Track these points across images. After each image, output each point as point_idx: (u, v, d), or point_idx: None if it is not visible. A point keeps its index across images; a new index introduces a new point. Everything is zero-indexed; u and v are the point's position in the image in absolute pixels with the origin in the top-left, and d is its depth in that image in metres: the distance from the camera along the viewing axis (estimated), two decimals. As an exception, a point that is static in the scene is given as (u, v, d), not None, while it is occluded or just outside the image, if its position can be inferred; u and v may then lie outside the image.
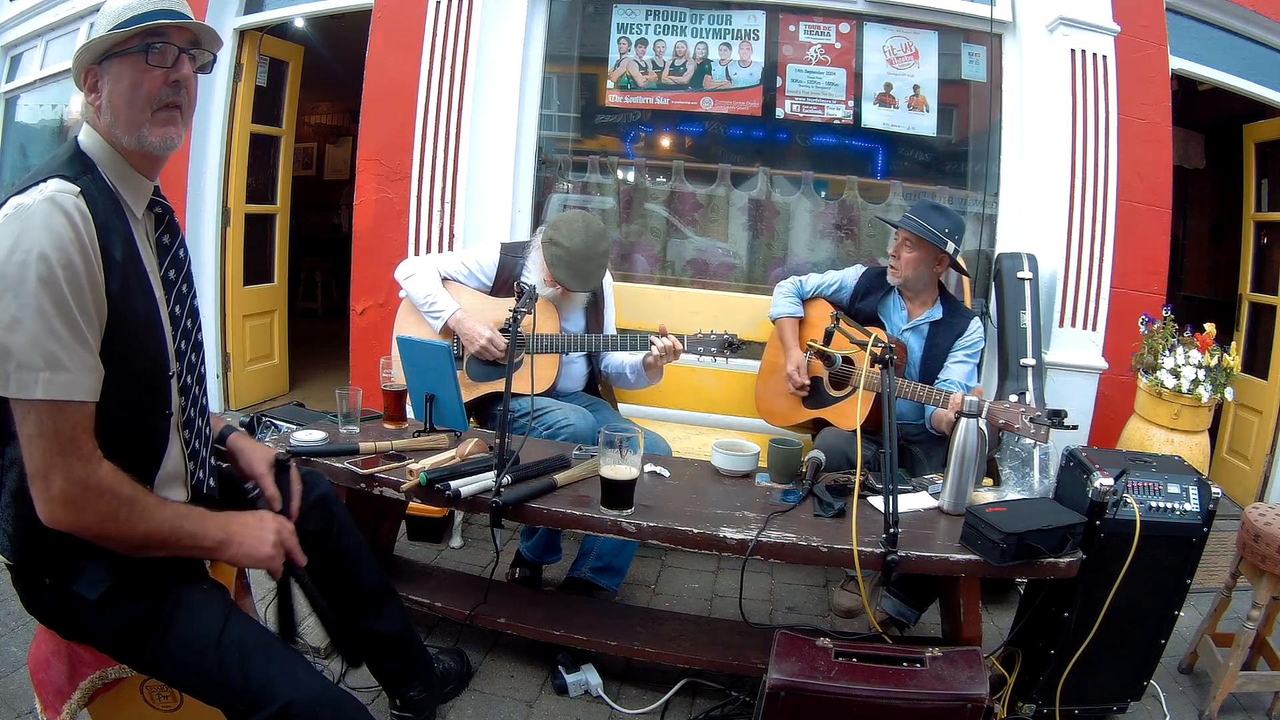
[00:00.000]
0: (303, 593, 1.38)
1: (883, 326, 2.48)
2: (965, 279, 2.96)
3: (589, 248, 2.36)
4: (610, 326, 2.64)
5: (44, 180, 1.09)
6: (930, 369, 2.41)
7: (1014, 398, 2.11)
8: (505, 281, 2.48)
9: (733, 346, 2.28)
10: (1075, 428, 2.02)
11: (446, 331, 2.44)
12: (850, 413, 2.41)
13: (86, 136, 1.19)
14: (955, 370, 2.37)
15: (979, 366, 2.56)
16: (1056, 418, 1.95)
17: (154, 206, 1.25)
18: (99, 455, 1.10)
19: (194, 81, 1.23)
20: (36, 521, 1.09)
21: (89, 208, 1.09)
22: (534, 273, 2.44)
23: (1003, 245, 3.21)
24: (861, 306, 2.54)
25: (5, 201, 1.08)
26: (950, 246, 2.33)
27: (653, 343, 2.29)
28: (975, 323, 2.44)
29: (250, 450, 1.45)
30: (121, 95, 1.16)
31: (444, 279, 2.50)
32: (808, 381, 2.54)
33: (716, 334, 2.29)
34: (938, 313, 2.45)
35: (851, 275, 2.62)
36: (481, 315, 2.43)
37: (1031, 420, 1.97)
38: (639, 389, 2.59)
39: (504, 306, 2.37)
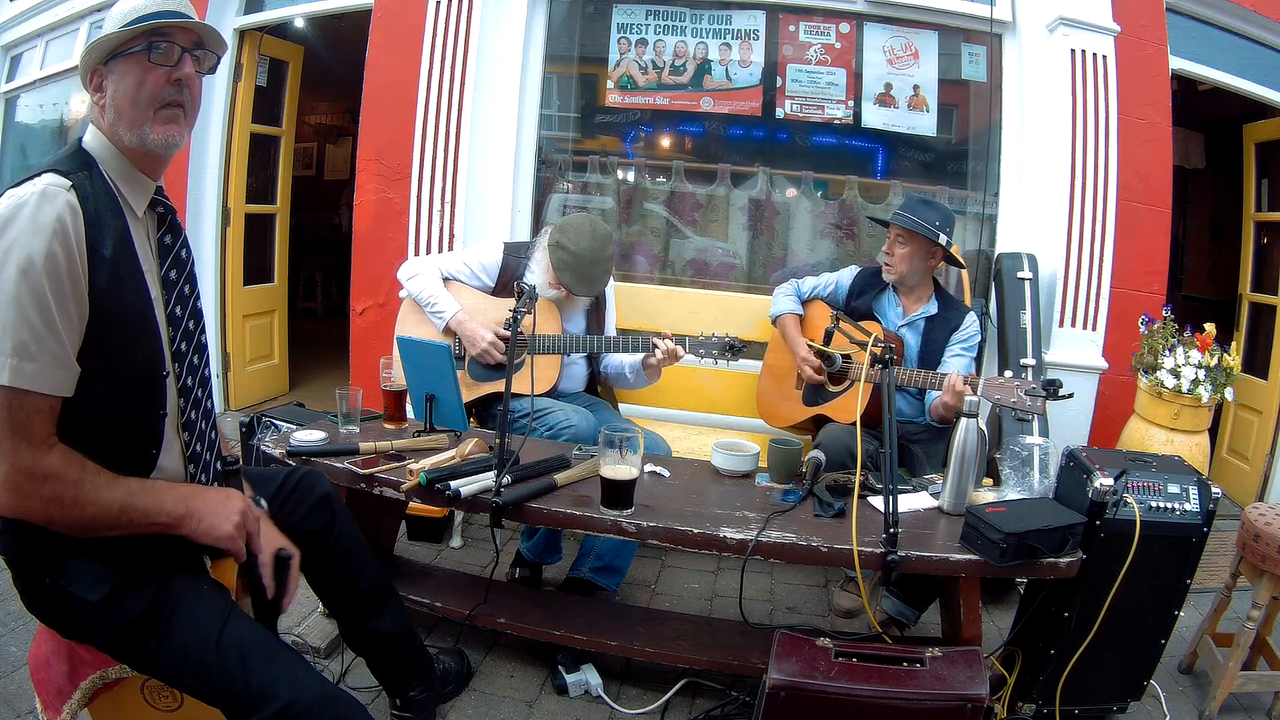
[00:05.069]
0: (249, 583, 1.30)
1: (878, 323, 2.48)
2: (965, 280, 2.97)
3: (595, 252, 2.36)
4: (611, 328, 2.64)
5: (39, 175, 1.10)
6: (927, 364, 2.42)
7: (1009, 373, 2.11)
8: (508, 282, 2.48)
9: (734, 349, 2.28)
10: (1071, 395, 2.02)
11: (448, 331, 2.45)
12: (850, 407, 2.42)
13: (91, 136, 1.20)
14: (953, 364, 2.39)
15: (978, 363, 2.56)
16: (1051, 388, 1.95)
17: (156, 206, 1.25)
18: (52, 442, 1.09)
19: (198, 82, 1.23)
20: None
21: (80, 203, 1.10)
22: (537, 273, 2.44)
23: (1003, 245, 3.21)
24: (857, 305, 2.55)
25: (1, 195, 1.09)
26: (942, 238, 2.35)
27: (655, 345, 2.29)
28: (971, 317, 2.45)
29: (266, 539, 1.31)
30: (125, 94, 1.17)
31: (446, 279, 2.50)
32: (821, 363, 2.54)
33: (718, 337, 2.29)
34: (933, 308, 2.46)
35: (846, 275, 2.64)
36: (483, 316, 2.43)
37: (1027, 393, 1.97)
38: (637, 389, 2.60)
39: (505, 307, 2.37)
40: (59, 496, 1.09)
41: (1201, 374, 2.56)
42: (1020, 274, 2.99)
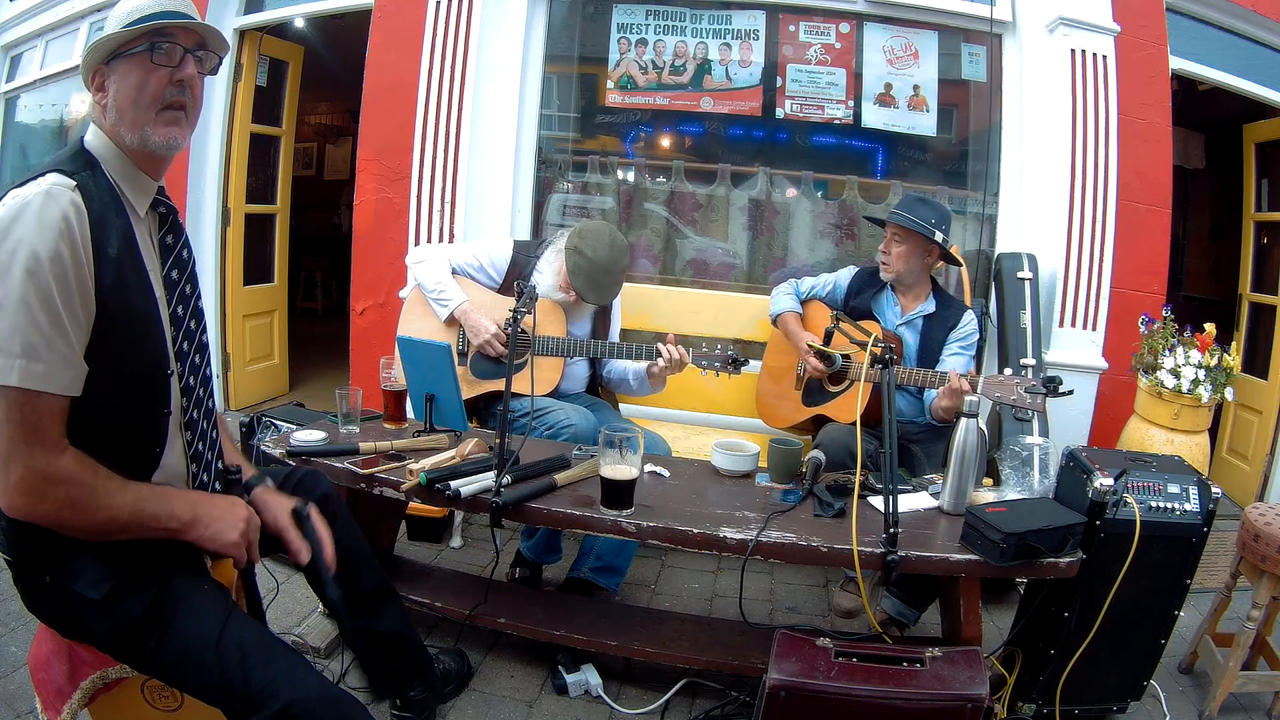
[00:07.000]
0: (247, 588, 1.37)
1: (877, 323, 2.48)
2: (965, 280, 2.96)
3: (611, 262, 2.36)
4: (615, 335, 2.64)
5: (43, 174, 1.10)
6: (926, 362, 2.42)
7: (1008, 371, 2.12)
8: (514, 280, 2.48)
9: (736, 363, 2.27)
10: (1071, 392, 2.03)
11: (451, 322, 2.44)
12: (850, 407, 2.42)
13: (93, 136, 1.20)
14: (951, 363, 2.39)
15: (978, 363, 2.56)
16: (1052, 385, 1.95)
17: (158, 206, 1.25)
18: (63, 445, 1.10)
19: (199, 83, 1.23)
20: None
21: (85, 203, 1.10)
22: (547, 275, 2.43)
23: (1003, 245, 3.21)
24: (855, 305, 2.56)
25: (4, 195, 1.09)
26: (938, 236, 2.36)
27: (659, 352, 2.28)
28: (969, 315, 2.46)
29: (275, 505, 1.39)
30: (127, 94, 1.17)
31: (454, 271, 2.50)
32: (829, 351, 2.52)
33: (721, 349, 2.28)
34: (930, 306, 2.47)
35: (844, 275, 2.64)
36: (487, 313, 2.43)
37: (1027, 390, 1.98)
38: (640, 395, 2.59)
39: (509, 305, 2.36)
40: (73, 500, 1.10)
41: (1201, 374, 2.56)
42: (1020, 274, 2.99)
